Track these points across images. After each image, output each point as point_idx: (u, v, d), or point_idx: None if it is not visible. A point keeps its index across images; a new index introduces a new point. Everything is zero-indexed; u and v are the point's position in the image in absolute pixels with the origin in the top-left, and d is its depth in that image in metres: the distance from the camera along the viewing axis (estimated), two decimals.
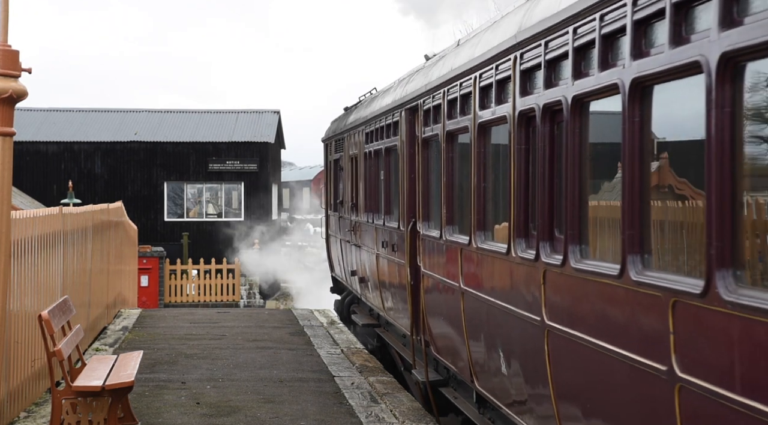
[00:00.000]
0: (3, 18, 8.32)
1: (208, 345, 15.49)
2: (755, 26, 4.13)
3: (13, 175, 8.70)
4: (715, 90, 4.41)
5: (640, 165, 5.34)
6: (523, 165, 7.41)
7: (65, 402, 8.97)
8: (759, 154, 4.34)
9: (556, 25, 6.55)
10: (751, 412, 4.13)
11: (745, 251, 4.39)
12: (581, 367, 6.23)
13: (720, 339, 4.46)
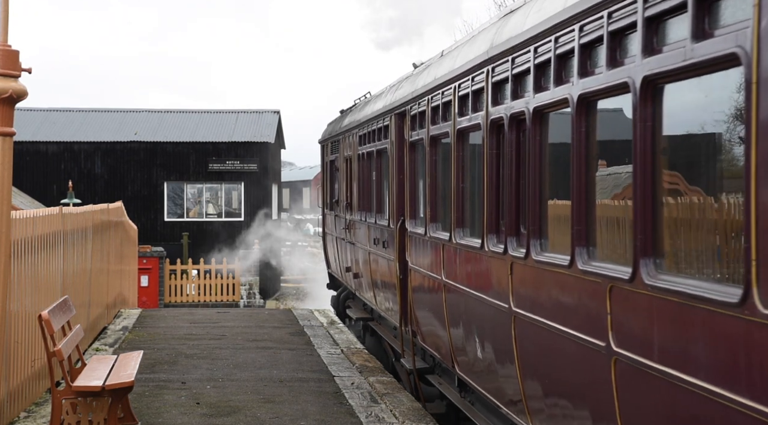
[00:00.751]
0: (3, 18, 8.32)
1: (208, 345, 15.50)
2: (670, 55, 4.95)
3: (13, 175, 8.70)
4: (639, 107, 5.27)
5: (587, 170, 6.17)
6: (494, 168, 8.30)
7: (65, 402, 8.97)
8: (675, 162, 5.27)
9: (521, 44, 7.43)
10: (666, 377, 4.95)
11: (664, 242, 5.21)
12: (541, 348, 7.07)
13: (644, 317, 5.30)
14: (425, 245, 11.04)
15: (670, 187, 5.21)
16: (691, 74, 4.88)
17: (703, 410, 4.67)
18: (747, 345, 4.27)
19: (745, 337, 4.26)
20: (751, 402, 4.20)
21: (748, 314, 4.19)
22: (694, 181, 5.15)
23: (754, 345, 4.21)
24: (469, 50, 9.34)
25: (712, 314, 4.57)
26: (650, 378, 5.18)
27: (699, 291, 4.70)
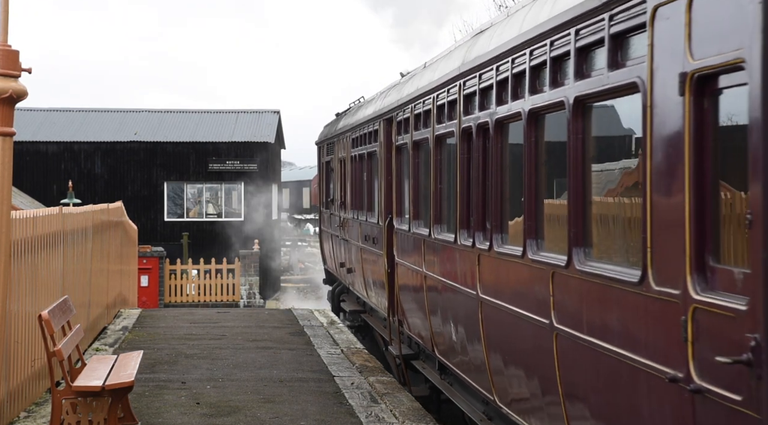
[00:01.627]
0: (3, 18, 8.32)
1: (208, 345, 15.50)
2: (594, 79, 6.13)
3: (13, 175, 8.70)
4: (572, 122, 6.42)
5: (536, 173, 7.36)
6: (465, 171, 9.40)
7: (65, 402, 8.97)
8: (607, 168, 6.39)
9: (485, 63, 8.55)
10: (592, 346, 6.10)
11: (592, 235, 6.37)
12: (502, 328, 8.22)
13: (576, 297, 6.43)
14: (409, 240, 12.09)
15: (595, 190, 6.41)
16: (608, 97, 6.10)
17: (618, 370, 5.72)
18: (645, 316, 5.38)
19: (644, 309, 5.39)
20: (647, 360, 5.32)
21: (645, 290, 5.33)
22: (611, 184, 6.37)
23: (648, 315, 5.34)
24: (446, 65, 10.46)
25: (622, 292, 5.68)
26: (581, 347, 6.32)
27: (613, 274, 5.82)
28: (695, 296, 4.83)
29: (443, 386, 11.06)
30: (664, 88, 5.16)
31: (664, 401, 5.17)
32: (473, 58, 9.05)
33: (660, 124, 5.22)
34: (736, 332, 4.42)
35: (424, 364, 12.25)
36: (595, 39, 6.15)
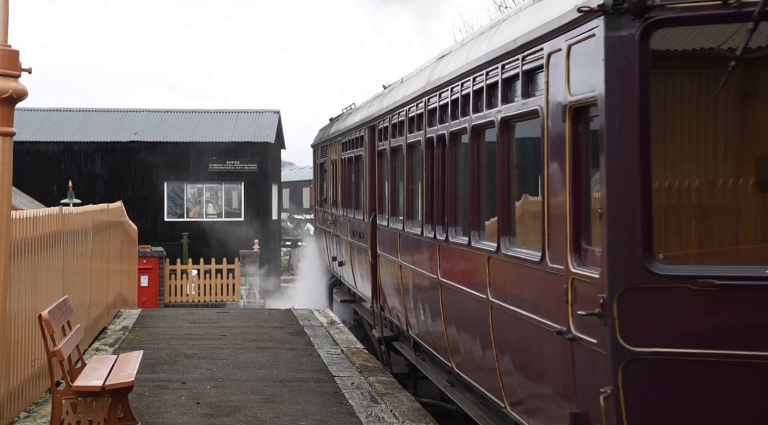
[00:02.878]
0: (3, 18, 8.32)
1: (208, 344, 15.50)
2: (514, 105, 7.80)
3: (13, 175, 8.70)
4: (499, 137, 8.19)
5: (478, 178, 9.11)
6: (429, 174, 11.02)
7: (65, 402, 8.97)
8: (524, 174, 8.06)
9: (442, 85, 10.32)
10: (514, 314, 7.75)
11: (514, 227, 8.08)
12: (456, 303, 9.85)
13: (503, 276, 8.12)
14: (388, 235, 13.74)
15: (520, 192, 8.08)
16: (523, 119, 7.79)
17: (530, 330, 7.38)
18: (543, 286, 7.04)
19: (543, 281, 7.03)
20: (545, 320, 6.99)
21: (543, 267, 6.97)
22: (526, 187, 7.99)
23: (545, 286, 6.99)
24: (416, 82, 12.12)
25: (530, 270, 7.33)
26: (506, 315, 8.02)
27: (525, 256, 7.48)
28: (573, 269, 6.48)
29: (417, 362, 12.61)
30: (555, 116, 6.78)
31: (556, 348, 6.81)
32: (434, 80, 10.80)
33: (552, 143, 6.83)
34: (594, 293, 6.04)
35: (402, 344, 13.84)
36: (515, 73, 7.80)
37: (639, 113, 5.80)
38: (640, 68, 5.79)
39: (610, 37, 5.87)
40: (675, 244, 6.07)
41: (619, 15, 5.82)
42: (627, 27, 5.81)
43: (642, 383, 5.76)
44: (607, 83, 5.90)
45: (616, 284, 5.85)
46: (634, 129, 5.82)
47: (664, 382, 5.72)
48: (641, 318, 5.80)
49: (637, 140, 5.81)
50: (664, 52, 5.90)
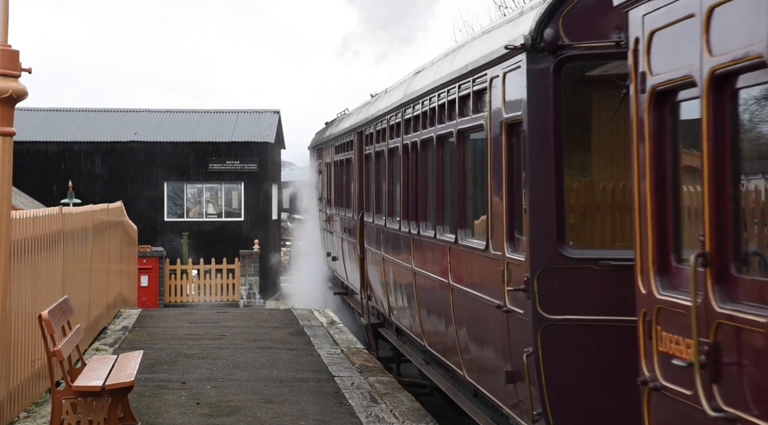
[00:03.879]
0: (3, 18, 8.32)
1: (208, 344, 15.50)
2: (468, 119, 9.37)
3: (13, 175, 8.70)
4: (456, 147, 9.81)
5: (442, 180, 10.66)
6: (405, 176, 12.49)
7: (65, 402, 8.96)
8: (475, 177, 9.46)
9: (414, 99, 11.93)
10: (467, 294, 9.31)
11: (468, 220, 9.52)
12: (426, 289, 11.35)
13: (460, 263, 9.64)
14: (373, 231, 15.15)
15: (473, 192, 9.52)
16: (473, 132, 9.33)
17: (479, 306, 8.85)
18: (488, 270, 8.53)
19: (487, 266, 8.54)
20: (489, 297, 8.46)
21: (488, 254, 8.45)
22: (477, 188, 9.30)
23: (489, 269, 8.48)
24: (396, 93, 13.73)
25: (478, 256, 8.83)
26: (464, 295, 9.42)
27: (475, 245, 9.04)
28: (508, 255, 7.98)
29: (399, 345, 14.15)
30: (495, 129, 8.27)
31: (497, 320, 8.21)
32: (409, 93, 12.28)
33: (493, 152, 8.30)
34: (521, 273, 7.56)
35: (387, 330, 15.32)
36: (467, 92, 9.26)
37: (553, 129, 7.34)
38: (554, 94, 7.33)
39: (531, 69, 7.45)
40: (582, 233, 7.61)
41: (537, 52, 7.38)
42: (544, 61, 7.38)
43: (555, 343, 7.28)
44: (528, 105, 7.46)
45: (536, 265, 7.37)
46: (549, 142, 7.35)
47: (572, 342, 7.26)
48: (555, 292, 7.32)
49: (552, 151, 7.35)
50: (577, 78, 7.42)
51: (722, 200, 4.48)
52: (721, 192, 4.47)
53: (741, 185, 4.47)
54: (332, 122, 23.53)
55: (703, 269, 4.50)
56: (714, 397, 4.43)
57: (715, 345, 4.41)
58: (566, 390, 7.30)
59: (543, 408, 7.30)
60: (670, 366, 4.84)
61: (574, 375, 7.30)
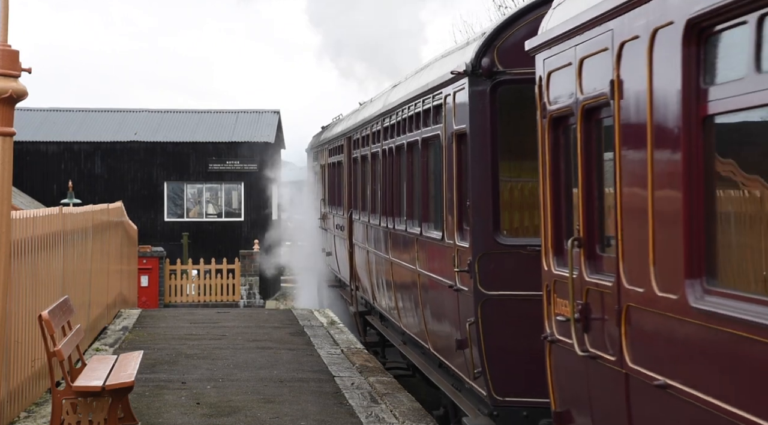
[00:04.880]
0: (3, 18, 8.32)
1: (208, 345, 15.50)
2: (428, 129, 10.90)
3: (13, 175, 8.70)
4: (421, 153, 11.41)
5: (412, 180, 12.16)
6: (385, 178, 13.94)
7: (65, 402, 8.96)
8: (435, 178, 10.80)
9: (389, 111, 13.53)
10: (430, 278, 10.71)
11: (432, 215, 10.98)
12: (400, 276, 12.79)
13: (424, 252, 11.09)
14: (360, 227, 16.69)
15: (433, 191, 10.94)
16: (433, 140, 10.81)
17: (437, 288, 10.39)
18: (443, 257, 10.07)
19: (442, 253, 10.09)
20: (444, 279, 9.96)
21: (444, 243, 9.98)
22: (437, 188, 10.68)
23: (444, 256, 9.98)
24: (379, 103, 15.30)
25: (437, 245, 10.38)
26: (427, 279, 10.95)
27: (434, 236, 10.49)
28: (457, 243, 9.51)
29: (382, 329, 15.48)
30: (448, 139, 9.85)
31: (450, 298, 9.77)
32: (388, 104, 13.78)
33: (447, 158, 9.90)
34: (467, 258, 9.09)
35: (372, 317, 16.68)
36: (429, 107, 10.87)
37: (490, 140, 9.00)
38: (491, 111, 9.00)
39: (472, 90, 9.07)
40: (513, 225, 9.26)
41: (477, 76, 9.02)
42: (482, 84, 9.00)
43: (491, 314, 8.86)
44: (470, 119, 9.09)
45: (477, 251, 8.96)
46: (487, 150, 9.00)
47: (505, 313, 8.82)
48: (492, 273, 8.89)
49: (489, 157, 9.00)
50: (510, 98, 9.03)
51: (590, 199, 6.00)
52: (590, 194, 5.98)
53: (604, 189, 5.83)
54: (328, 126, 25.19)
55: (578, 250, 5.99)
56: (584, 342, 5.92)
57: (586, 305, 5.92)
58: (500, 352, 8.86)
59: (482, 366, 8.89)
60: (559, 323, 6.39)
61: (505, 339, 8.85)
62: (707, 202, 4.57)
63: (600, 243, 5.93)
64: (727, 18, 4.21)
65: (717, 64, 4.50)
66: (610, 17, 5.43)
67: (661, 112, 4.87)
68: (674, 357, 4.80)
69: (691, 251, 4.57)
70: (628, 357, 5.31)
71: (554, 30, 6.44)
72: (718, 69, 4.49)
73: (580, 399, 6.22)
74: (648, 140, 5.00)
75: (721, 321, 4.26)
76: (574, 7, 6.17)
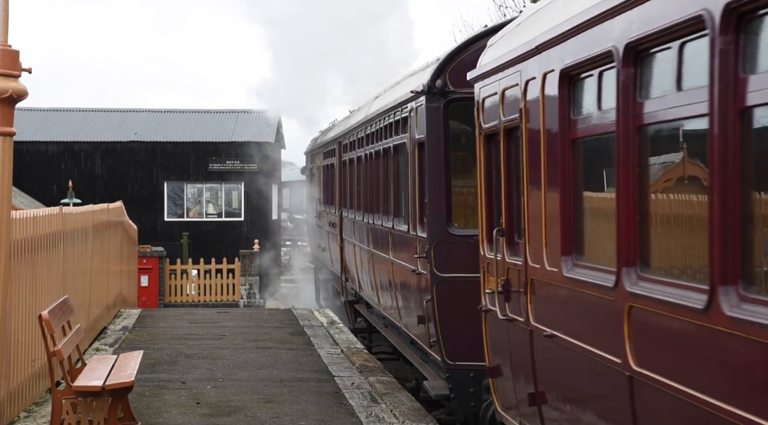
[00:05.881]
0: (3, 18, 8.32)
1: (208, 344, 15.50)
2: (396, 138, 13.14)
3: (13, 175, 8.70)
4: (392, 157, 13.53)
5: (386, 181, 13.89)
6: (366, 179, 15.85)
7: (65, 402, 8.96)
8: (404, 179, 12.63)
9: (369, 120, 15.44)
10: (398, 265, 12.88)
11: (401, 211, 12.86)
12: (379, 265, 14.53)
13: (396, 243, 12.98)
14: (349, 224, 18.49)
15: (402, 191, 12.78)
16: (402, 147, 12.60)
17: (404, 273, 12.28)
18: (408, 246, 12.04)
19: (407, 242, 12.03)
20: (407, 264, 12.03)
21: (409, 235, 11.89)
22: (404, 188, 12.50)
23: (408, 245, 11.98)
24: (363, 112, 17.24)
25: (404, 236, 12.22)
26: (398, 266, 12.83)
27: (402, 228, 12.42)
28: (419, 234, 11.39)
29: (368, 315, 17.28)
30: (411, 147, 11.85)
31: (414, 280, 11.67)
32: (369, 114, 15.62)
33: (411, 162, 11.85)
34: (425, 246, 10.94)
35: (360, 306, 18.47)
36: (398, 118, 12.83)
37: (444, 148, 10.95)
38: (444, 124, 10.97)
39: (428, 107, 11.05)
40: (462, 218, 11.04)
41: (432, 95, 11.00)
42: (437, 102, 10.98)
43: (444, 292, 10.76)
44: (427, 131, 11.07)
45: (433, 240, 10.89)
46: (441, 156, 10.94)
47: (455, 291, 10.60)
48: (445, 258, 10.77)
49: (443, 162, 10.95)
50: (460, 113, 10.95)
51: (510, 199, 7.74)
52: (510, 195, 7.76)
53: (518, 191, 7.40)
54: (324, 131, 27.14)
55: (501, 239, 7.79)
56: (505, 309, 7.62)
57: (507, 280, 7.60)
58: (451, 324, 10.65)
59: (437, 336, 10.77)
60: (489, 295, 8.10)
61: (455, 313, 10.57)
62: (576, 201, 6.25)
63: (516, 233, 7.56)
64: (584, 70, 5.96)
65: (581, 102, 6.16)
66: (519, 61, 7.13)
67: (549, 135, 6.54)
68: (555, 315, 6.60)
69: (565, 237, 6.29)
70: (531, 317, 7.03)
71: (486, 66, 8.20)
72: (581, 106, 6.16)
73: (504, 354, 7.92)
74: (542, 155, 6.65)
75: (582, 285, 5.96)
76: (499, 49, 7.95)
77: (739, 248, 4.21)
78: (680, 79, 4.77)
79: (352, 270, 18.25)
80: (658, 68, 5.11)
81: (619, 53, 5.24)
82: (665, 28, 4.75)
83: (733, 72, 4.17)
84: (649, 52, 5.10)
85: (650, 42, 4.99)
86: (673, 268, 5.09)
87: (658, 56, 5.05)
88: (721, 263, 4.26)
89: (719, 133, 4.24)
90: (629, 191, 5.23)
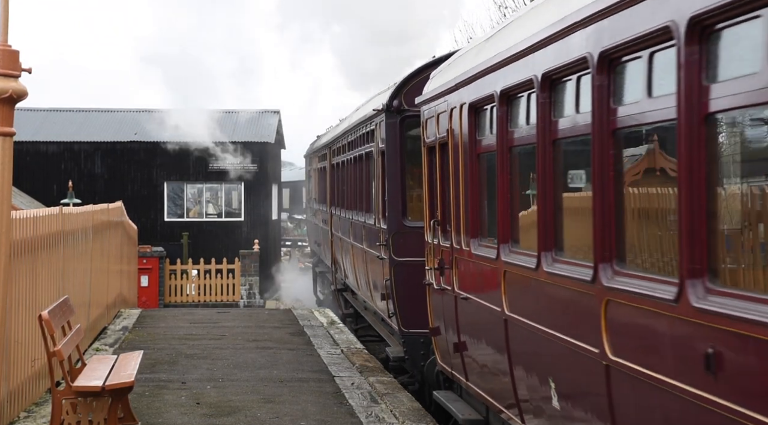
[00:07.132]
0: (3, 18, 8.32)
1: (208, 345, 15.50)
2: (367, 147, 15.98)
3: (13, 175, 8.70)
4: (364, 162, 16.51)
5: (361, 182, 16.82)
6: (353, 180, 17.71)
7: (65, 402, 8.96)
8: (373, 181, 15.34)
9: (352, 128, 17.77)
10: (369, 254, 15.35)
11: (372, 207, 15.44)
12: (357, 255, 16.85)
13: (366, 235, 15.77)
14: (336, 220, 20.82)
15: (372, 190, 15.03)
16: (371, 154, 15.34)
17: (373, 260, 14.81)
18: (375, 235, 14.62)
19: (375, 233, 14.67)
20: (375, 252, 14.57)
21: (375, 226, 14.58)
22: (372, 188, 15.00)
23: (375, 236, 14.70)
24: (348, 120, 19.33)
25: (371, 228, 15.04)
26: (368, 254, 15.26)
27: (371, 222, 14.97)
28: (381, 226, 13.84)
29: (353, 300, 19.48)
30: (377, 154, 14.47)
31: (379, 266, 13.91)
32: (350, 124, 18.28)
33: (377, 167, 14.44)
34: (385, 235, 13.61)
35: (347, 293, 20.62)
36: (368, 130, 15.38)
37: (399, 156, 13.50)
38: (400, 136, 13.51)
39: (387, 122, 13.61)
40: (414, 212, 13.20)
41: (390, 112, 13.55)
42: (394, 118, 13.54)
43: (399, 273, 13.12)
44: (386, 142, 13.62)
45: (391, 230, 13.37)
46: (397, 162, 13.48)
47: (409, 273, 12.74)
48: (401, 246, 13.18)
49: (399, 167, 13.48)
50: (413, 128, 12.85)
51: (444, 197, 9.80)
52: (444, 193, 9.79)
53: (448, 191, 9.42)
54: (321, 135, 29.37)
55: (437, 227, 9.97)
56: (440, 282, 9.81)
57: (441, 260, 9.73)
58: (405, 299, 13.03)
59: (395, 309, 13.18)
60: (429, 272, 10.34)
61: (409, 290, 12.77)
62: (481, 198, 8.51)
63: (447, 223, 9.57)
64: (484, 104, 8.15)
65: (482, 127, 8.37)
66: (446, 94, 9.38)
67: (465, 150, 8.71)
68: (468, 281, 8.89)
69: (473, 223, 8.59)
70: (456, 286, 9.26)
71: (427, 94, 10.44)
72: (483, 130, 8.35)
73: (440, 316, 10.14)
74: (460, 165, 8.84)
75: (483, 259, 8.19)
76: (436, 82, 10.17)
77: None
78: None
79: (340, 262, 20.85)
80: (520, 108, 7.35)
81: (498, 96, 7.53)
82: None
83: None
84: (517, 96, 7.29)
85: (517, 90, 7.19)
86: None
87: (521, 100, 7.25)
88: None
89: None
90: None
